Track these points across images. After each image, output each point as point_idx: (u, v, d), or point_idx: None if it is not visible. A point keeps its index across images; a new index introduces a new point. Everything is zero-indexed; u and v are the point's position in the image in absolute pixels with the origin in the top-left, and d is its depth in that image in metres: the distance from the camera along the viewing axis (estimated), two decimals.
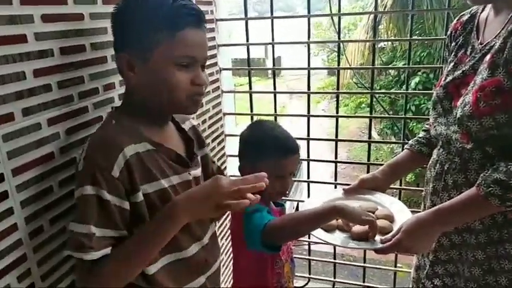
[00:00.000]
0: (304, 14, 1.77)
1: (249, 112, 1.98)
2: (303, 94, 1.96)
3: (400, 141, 1.89)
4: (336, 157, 1.97)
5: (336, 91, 1.97)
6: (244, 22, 1.81)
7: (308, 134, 1.93)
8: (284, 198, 1.77)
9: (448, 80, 1.08)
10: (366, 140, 2.01)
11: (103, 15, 1.00)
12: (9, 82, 0.78)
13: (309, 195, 2.03)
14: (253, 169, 1.15)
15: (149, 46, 0.80)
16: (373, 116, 2.00)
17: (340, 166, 2.10)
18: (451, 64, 1.10)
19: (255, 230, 1.01)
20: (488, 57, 0.96)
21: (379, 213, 1.14)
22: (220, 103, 1.87)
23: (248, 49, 1.88)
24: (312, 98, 1.97)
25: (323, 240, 1.05)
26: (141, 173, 0.82)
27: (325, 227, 1.07)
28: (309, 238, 2.09)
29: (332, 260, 2.20)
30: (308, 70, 1.87)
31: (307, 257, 2.23)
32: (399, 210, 1.16)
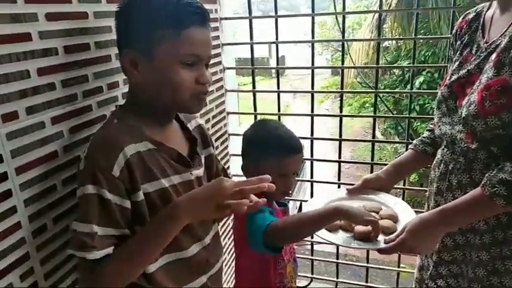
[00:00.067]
0: (308, 13, 1.76)
1: (253, 111, 1.98)
2: (307, 93, 1.95)
3: (404, 141, 1.88)
4: (340, 157, 1.97)
5: (340, 90, 1.96)
6: (248, 21, 1.81)
7: (312, 134, 1.92)
8: (287, 197, 1.76)
9: (453, 79, 1.07)
10: (370, 140, 2.00)
11: (107, 13, 1.00)
12: (13, 80, 0.78)
13: (312, 195, 2.03)
14: (256, 168, 1.15)
15: (154, 44, 0.80)
16: (377, 116, 1.99)
17: (343, 166, 2.09)
18: (456, 63, 1.09)
19: (257, 231, 1.01)
20: (494, 56, 0.95)
21: (383, 213, 1.14)
22: (223, 102, 1.87)
23: (252, 48, 1.88)
24: (316, 98, 1.97)
25: (326, 240, 1.05)
26: (142, 173, 0.82)
27: (328, 227, 1.06)
28: (312, 238, 2.09)
29: (335, 260, 2.19)
30: (312, 69, 1.86)
31: (310, 257, 2.23)
32: (403, 210, 1.16)
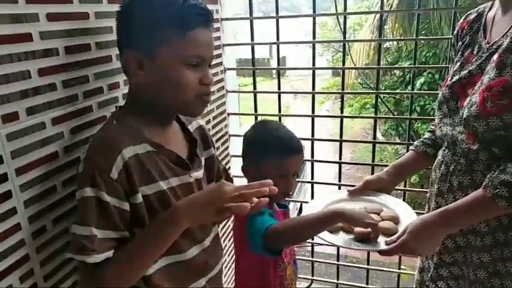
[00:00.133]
0: (309, 14, 1.76)
1: (253, 112, 1.97)
2: (307, 94, 1.95)
3: (405, 142, 1.87)
4: (340, 158, 1.96)
5: (341, 91, 1.96)
6: (249, 22, 1.80)
7: (312, 135, 1.92)
8: (288, 199, 1.76)
9: (454, 80, 1.07)
10: (371, 141, 2.00)
11: (108, 14, 1.00)
12: (14, 81, 0.78)
13: (313, 196, 2.02)
14: (257, 169, 1.15)
15: (159, 45, 0.80)
16: (378, 117, 1.99)
17: (344, 167, 2.09)
18: (458, 64, 1.09)
19: (257, 234, 1.01)
20: (495, 56, 0.95)
21: (384, 214, 1.14)
22: (224, 103, 1.87)
23: (253, 49, 1.87)
24: (316, 99, 1.96)
25: (327, 241, 1.04)
26: (140, 175, 0.81)
27: (329, 228, 1.06)
28: (313, 239, 2.09)
29: (335, 262, 2.19)
30: (313, 70, 1.86)
31: (310, 259, 2.23)
32: (404, 211, 1.15)
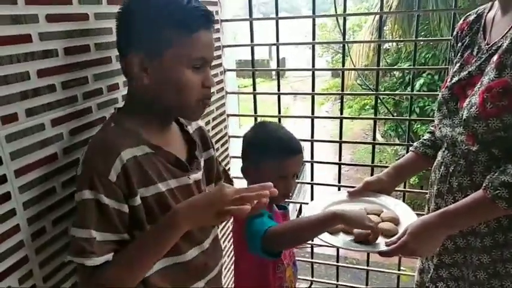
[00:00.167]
0: (309, 15, 1.76)
1: (253, 113, 1.97)
2: (307, 95, 1.95)
3: (405, 143, 1.87)
4: (340, 159, 1.96)
5: (341, 92, 1.95)
6: (248, 23, 1.80)
7: (312, 136, 1.91)
8: (287, 200, 1.76)
9: (454, 81, 1.07)
10: (370, 142, 2.00)
11: (108, 15, 1.00)
12: (13, 82, 0.78)
13: (313, 197, 2.02)
14: (256, 170, 1.15)
15: (163, 47, 0.80)
16: (377, 118, 1.98)
17: (343, 168, 2.09)
18: (457, 65, 1.09)
19: (256, 236, 1.00)
20: (495, 57, 0.95)
21: (384, 215, 1.13)
22: (224, 104, 1.87)
23: (252, 50, 1.87)
24: (316, 100, 1.96)
25: (328, 242, 1.04)
26: (139, 177, 0.81)
27: (329, 230, 1.06)
28: (313, 241, 2.08)
29: (335, 263, 2.18)
30: (313, 71, 1.86)
31: (310, 260, 2.22)
32: (404, 212, 1.15)
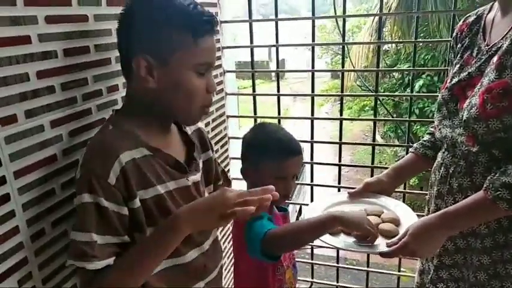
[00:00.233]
0: (308, 16, 1.76)
1: (253, 115, 1.97)
2: (306, 97, 1.95)
3: (404, 144, 1.87)
4: (340, 160, 1.96)
5: (340, 93, 1.95)
6: (248, 24, 1.81)
7: (312, 137, 1.91)
8: (287, 201, 1.75)
9: (454, 82, 1.07)
10: (370, 143, 2.00)
11: (107, 16, 1.00)
12: (12, 83, 0.78)
13: (312, 198, 2.02)
14: (256, 171, 1.15)
15: (172, 51, 0.80)
16: (377, 119, 1.98)
17: (343, 169, 2.08)
18: (457, 66, 1.09)
19: (255, 239, 1.00)
20: (495, 58, 0.95)
21: (384, 216, 1.13)
22: (223, 105, 1.87)
23: (252, 51, 1.87)
24: (315, 101, 1.96)
25: (328, 243, 1.04)
26: (138, 180, 0.81)
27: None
28: (313, 242, 2.08)
29: (335, 264, 2.18)
30: (312, 72, 1.86)
31: (310, 261, 2.22)
32: (405, 213, 1.15)
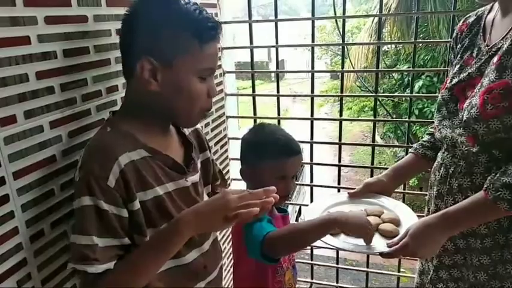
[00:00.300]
0: (308, 17, 1.76)
1: (252, 115, 1.97)
2: (306, 97, 1.95)
3: (404, 145, 1.87)
4: (340, 161, 1.96)
5: (340, 94, 1.95)
6: (248, 25, 1.80)
7: (311, 138, 1.91)
8: (287, 202, 1.75)
9: (454, 82, 1.07)
10: (370, 144, 1.99)
11: (107, 17, 1.00)
12: (12, 84, 0.77)
13: (312, 199, 2.02)
14: (255, 172, 1.15)
15: (177, 55, 0.80)
16: (377, 120, 1.98)
17: (342, 170, 2.08)
18: (457, 66, 1.09)
19: (255, 241, 1.00)
20: (495, 59, 0.95)
21: (385, 216, 1.13)
22: (223, 106, 1.87)
23: (252, 52, 1.87)
24: (315, 102, 1.96)
25: (328, 244, 1.04)
26: (137, 182, 0.81)
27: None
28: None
29: (335, 265, 2.18)
30: (312, 73, 1.85)
31: (309, 262, 2.22)
32: (405, 213, 1.15)
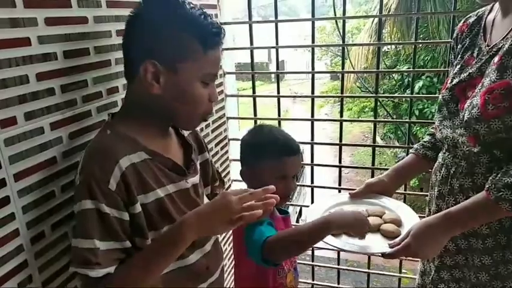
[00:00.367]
0: (308, 18, 1.76)
1: (253, 116, 1.97)
2: (306, 98, 1.95)
3: (405, 145, 1.87)
4: (340, 161, 1.96)
5: (340, 95, 1.95)
6: (248, 26, 1.80)
7: (312, 138, 1.91)
8: (287, 203, 1.75)
9: (455, 83, 1.07)
10: (371, 145, 1.99)
11: (107, 18, 1.00)
12: (12, 86, 0.77)
13: (313, 200, 2.02)
14: (255, 172, 1.15)
15: (179, 59, 0.81)
16: (377, 120, 1.98)
17: (343, 171, 2.08)
18: (457, 67, 1.09)
19: (255, 245, 0.99)
20: (496, 59, 0.95)
21: (386, 217, 1.13)
22: (223, 107, 1.87)
23: (252, 53, 1.87)
24: (315, 103, 1.96)
25: (329, 244, 1.04)
26: (138, 184, 0.81)
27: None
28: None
29: (336, 266, 2.18)
30: (312, 74, 1.85)
31: (310, 263, 2.21)
32: (406, 214, 1.15)
